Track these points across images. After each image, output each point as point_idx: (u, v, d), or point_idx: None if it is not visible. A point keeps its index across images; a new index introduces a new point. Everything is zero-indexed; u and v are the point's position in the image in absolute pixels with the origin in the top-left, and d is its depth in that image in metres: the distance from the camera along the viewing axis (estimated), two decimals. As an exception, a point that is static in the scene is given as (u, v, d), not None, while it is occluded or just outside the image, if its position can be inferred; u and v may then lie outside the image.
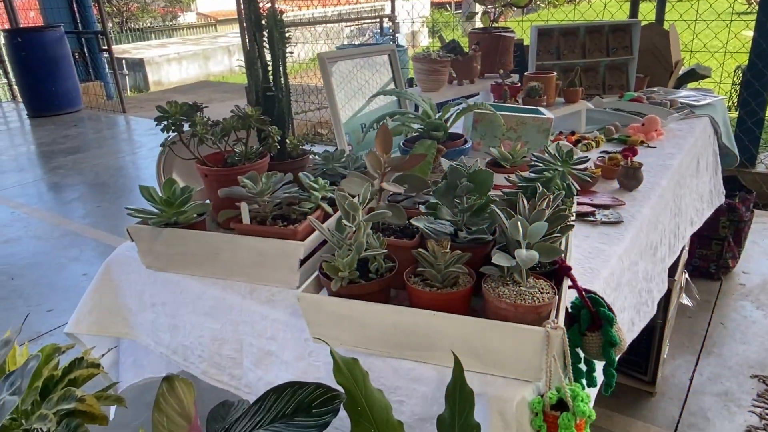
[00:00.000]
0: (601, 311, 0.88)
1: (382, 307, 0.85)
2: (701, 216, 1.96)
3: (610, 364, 0.89)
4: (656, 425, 2.04)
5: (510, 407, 0.79)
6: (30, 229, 4.09)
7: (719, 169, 2.30)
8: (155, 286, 1.21)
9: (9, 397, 0.70)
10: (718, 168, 2.28)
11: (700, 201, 1.98)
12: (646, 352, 2.15)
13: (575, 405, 0.77)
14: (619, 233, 1.27)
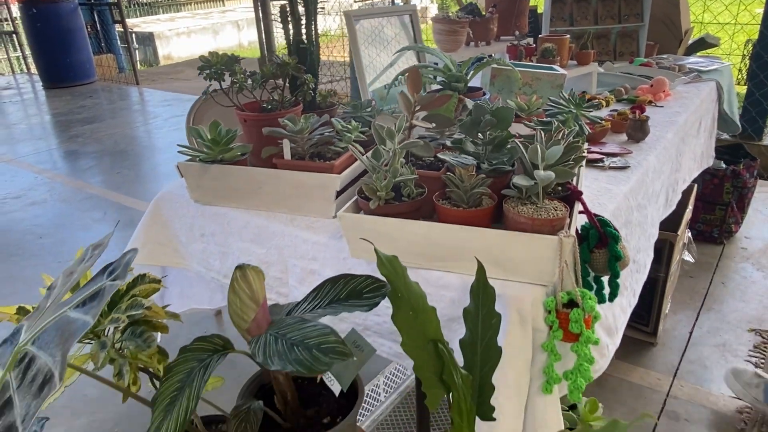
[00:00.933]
0: (608, 230, 1.00)
1: (415, 223, 0.97)
2: (691, 175, 2.07)
3: (615, 276, 1.01)
4: (656, 371, 2.16)
5: (526, 306, 0.92)
6: (54, 193, 4.24)
7: (714, 132, 2.39)
8: (203, 218, 1.33)
9: (110, 282, 0.82)
10: (714, 132, 2.38)
11: (693, 160, 2.08)
12: (648, 304, 2.27)
13: (584, 302, 0.89)
14: (625, 176, 1.38)
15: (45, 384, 0.79)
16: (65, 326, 0.82)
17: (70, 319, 0.82)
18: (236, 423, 0.80)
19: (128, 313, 1.09)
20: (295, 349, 0.69)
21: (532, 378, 0.95)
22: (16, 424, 0.78)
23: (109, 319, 1.09)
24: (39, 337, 0.84)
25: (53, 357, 0.79)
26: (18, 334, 0.93)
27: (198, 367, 0.76)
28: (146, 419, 1.73)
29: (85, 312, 0.82)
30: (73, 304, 0.85)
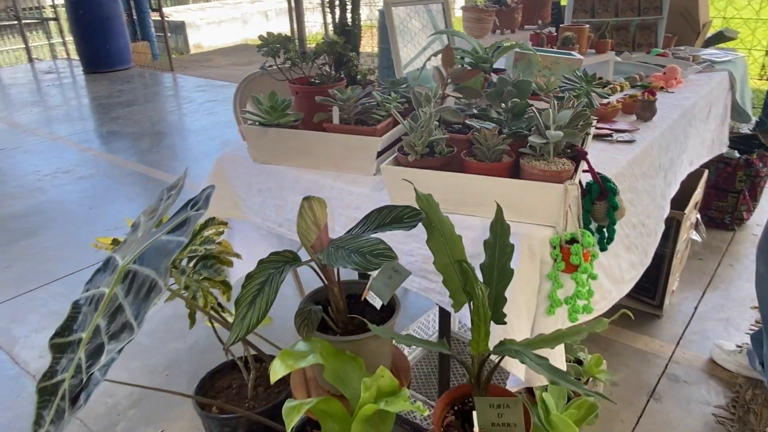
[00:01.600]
0: (607, 185, 1.19)
1: (446, 174, 1.17)
2: (699, 159, 2.22)
3: (612, 223, 1.19)
4: (660, 340, 2.33)
5: (535, 242, 1.11)
6: (99, 169, 4.52)
7: (727, 121, 2.53)
8: (261, 176, 1.55)
9: (194, 212, 1.03)
10: (726, 120, 2.52)
11: (701, 145, 2.23)
12: (655, 278, 2.43)
13: (583, 239, 1.08)
14: (630, 149, 1.55)
15: (151, 291, 1.00)
16: (162, 247, 1.03)
17: (165, 242, 1.03)
18: (300, 320, 1.01)
19: (204, 246, 1.31)
20: (352, 254, 0.89)
21: (539, 303, 1.14)
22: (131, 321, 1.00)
23: (188, 250, 1.31)
24: (139, 257, 1.05)
25: (156, 270, 1.00)
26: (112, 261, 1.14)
27: (275, 273, 0.97)
28: (192, 366, 1.95)
29: (178, 235, 1.03)
30: (165, 230, 1.06)
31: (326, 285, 1.06)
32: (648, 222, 1.54)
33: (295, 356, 0.92)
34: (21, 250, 3.23)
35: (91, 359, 0.95)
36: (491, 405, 0.98)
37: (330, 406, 0.91)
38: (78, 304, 1.13)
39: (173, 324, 2.54)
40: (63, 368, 1.03)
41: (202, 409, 1.68)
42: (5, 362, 2.32)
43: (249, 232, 1.72)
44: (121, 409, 2.07)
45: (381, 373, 0.88)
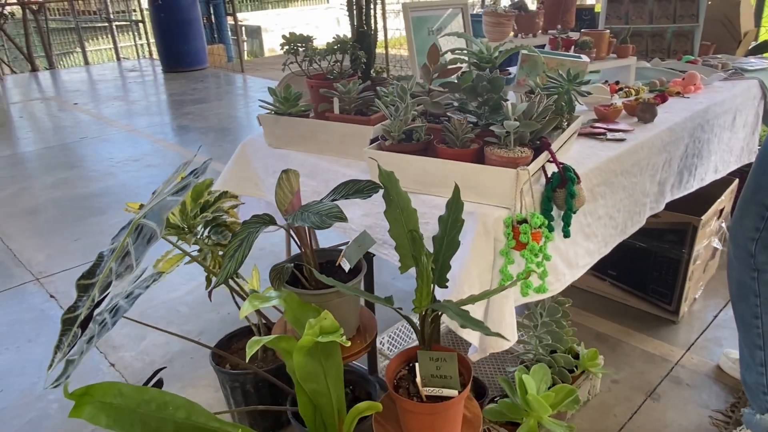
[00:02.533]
0: (567, 174, 1.29)
1: (416, 158, 1.31)
2: (726, 167, 2.21)
3: (570, 209, 1.29)
4: (671, 344, 2.34)
5: (490, 220, 1.23)
6: (167, 159, 4.93)
7: (758, 130, 2.49)
8: (274, 159, 1.74)
9: (194, 178, 1.23)
10: (757, 129, 2.48)
11: (729, 153, 2.23)
12: (672, 283, 2.44)
13: (532, 220, 1.20)
14: (617, 146, 1.63)
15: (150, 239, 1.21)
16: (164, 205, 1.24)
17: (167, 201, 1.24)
18: (274, 274, 1.18)
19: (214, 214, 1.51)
20: (311, 216, 1.06)
21: (494, 277, 1.26)
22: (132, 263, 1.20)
23: (201, 216, 1.52)
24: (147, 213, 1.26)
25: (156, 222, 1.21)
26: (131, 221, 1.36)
27: (252, 231, 1.15)
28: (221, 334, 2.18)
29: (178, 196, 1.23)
30: (168, 192, 1.27)
31: (299, 246, 1.23)
32: (617, 216, 1.60)
33: (262, 299, 1.09)
34: (89, 226, 3.62)
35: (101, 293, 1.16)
36: (431, 358, 1.12)
37: (290, 344, 1.08)
38: (102, 254, 1.36)
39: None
40: (83, 304, 1.26)
41: (217, 365, 1.89)
42: (65, 319, 2.65)
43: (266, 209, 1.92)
44: (156, 365, 2.33)
45: (324, 316, 1.03)
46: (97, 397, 1.11)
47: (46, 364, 2.35)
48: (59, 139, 5.60)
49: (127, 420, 1.13)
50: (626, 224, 1.69)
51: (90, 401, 1.11)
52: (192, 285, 2.91)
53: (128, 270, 1.15)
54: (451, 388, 1.11)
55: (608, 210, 1.58)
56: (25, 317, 2.68)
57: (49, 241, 3.43)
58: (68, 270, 3.09)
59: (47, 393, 2.18)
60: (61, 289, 2.90)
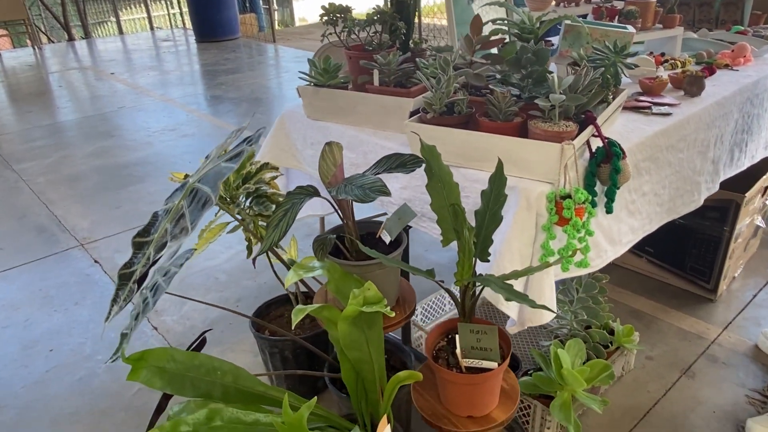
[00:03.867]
0: (613, 149, 1.27)
1: (458, 131, 1.31)
2: None
3: (614, 185, 1.27)
4: (708, 323, 2.31)
5: (533, 195, 1.22)
6: (201, 128, 4.99)
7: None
8: (313, 130, 1.75)
9: (248, 146, 1.24)
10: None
11: None
12: (711, 261, 2.39)
13: (576, 195, 1.19)
14: (663, 121, 1.59)
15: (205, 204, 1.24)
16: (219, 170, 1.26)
17: (222, 167, 1.26)
18: (317, 245, 1.21)
19: (256, 186, 1.54)
20: (355, 189, 1.07)
21: (535, 252, 1.26)
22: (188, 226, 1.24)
23: (243, 188, 1.55)
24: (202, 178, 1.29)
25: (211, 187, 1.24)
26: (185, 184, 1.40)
27: (297, 201, 1.17)
28: (258, 301, 2.24)
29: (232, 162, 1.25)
30: (223, 158, 1.29)
31: (342, 218, 1.25)
32: (662, 193, 1.57)
33: (306, 269, 1.12)
34: (129, 194, 3.71)
35: (157, 253, 1.21)
36: (471, 330, 1.13)
37: (332, 313, 1.10)
38: (157, 214, 1.40)
39: (248, 266, 2.86)
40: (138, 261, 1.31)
41: (257, 331, 1.95)
42: (109, 284, 2.75)
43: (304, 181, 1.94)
44: (196, 331, 2.41)
45: (368, 287, 1.05)
46: (152, 362, 1.17)
47: (92, 326, 2.46)
48: (97, 108, 5.72)
49: (178, 383, 1.18)
50: (674, 202, 1.66)
51: (145, 366, 1.16)
52: (230, 253, 2.98)
53: (183, 232, 1.18)
54: (491, 360, 1.13)
55: (653, 186, 1.55)
56: (71, 281, 2.79)
57: (92, 208, 3.54)
58: (111, 237, 3.19)
59: (95, 353, 2.29)
60: (105, 255, 3.00)
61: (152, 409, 2.04)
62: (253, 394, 1.21)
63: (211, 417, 1.04)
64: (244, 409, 1.16)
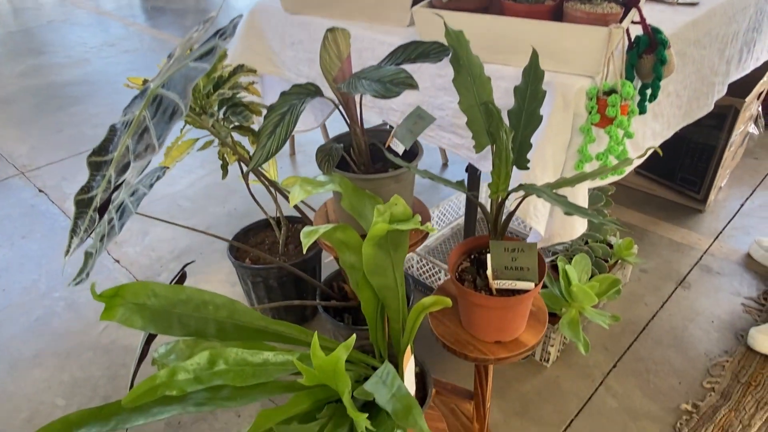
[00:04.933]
0: (658, 36, 1.09)
1: (482, 17, 1.10)
2: None
3: (658, 78, 1.12)
4: (699, 233, 2.27)
5: (571, 91, 1.05)
6: (143, 43, 4.52)
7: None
8: (293, 27, 1.50)
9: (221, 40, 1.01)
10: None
11: None
12: (703, 171, 2.33)
13: (623, 90, 1.02)
14: (691, 11, 1.42)
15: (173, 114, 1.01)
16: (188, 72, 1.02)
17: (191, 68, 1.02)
18: (321, 155, 1.01)
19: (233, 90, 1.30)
20: (372, 83, 0.87)
21: (567, 159, 1.11)
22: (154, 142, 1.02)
23: (217, 94, 1.31)
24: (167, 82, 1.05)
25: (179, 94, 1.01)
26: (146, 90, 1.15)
27: (296, 103, 0.96)
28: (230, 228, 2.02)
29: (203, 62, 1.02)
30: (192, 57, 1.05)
31: (348, 124, 1.05)
32: (683, 94, 1.43)
33: (314, 184, 0.93)
34: (70, 116, 3.33)
35: (119, 175, 0.99)
36: (506, 249, 0.99)
37: (347, 234, 0.93)
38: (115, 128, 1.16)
39: (213, 191, 2.62)
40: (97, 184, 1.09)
41: (236, 259, 1.77)
42: (58, 215, 2.48)
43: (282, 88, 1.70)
44: (164, 262, 2.21)
45: (395, 201, 0.88)
46: (129, 299, 0.97)
47: (44, 261, 2.21)
48: (21, 23, 5.09)
49: (164, 321, 1.00)
50: (691, 105, 1.53)
51: (121, 303, 0.97)
52: (192, 178, 2.72)
53: (149, 150, 0.96)
54: (528, 281, 1.00)
55: (676, 87, 1.40)
56: (14, 213, 2.49)
57: (30, 132, 3.16)
58: (55, 163, 2.86)
59: (51, 290, 2.06)
60: (50, 183, 2.69)
61: (121, 348, 1.87)
62: (254, 330, 1.04)
63: (213, 361, 0.87)
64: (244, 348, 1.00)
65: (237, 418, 1.60)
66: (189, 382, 0.83)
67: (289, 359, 0.92)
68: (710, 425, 1.50)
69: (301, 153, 2.93)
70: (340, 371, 0.72)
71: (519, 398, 1.61)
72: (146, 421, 0.86)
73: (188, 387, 0.82)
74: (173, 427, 1.57)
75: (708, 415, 1.54)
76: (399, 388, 0.76)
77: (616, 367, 1.72)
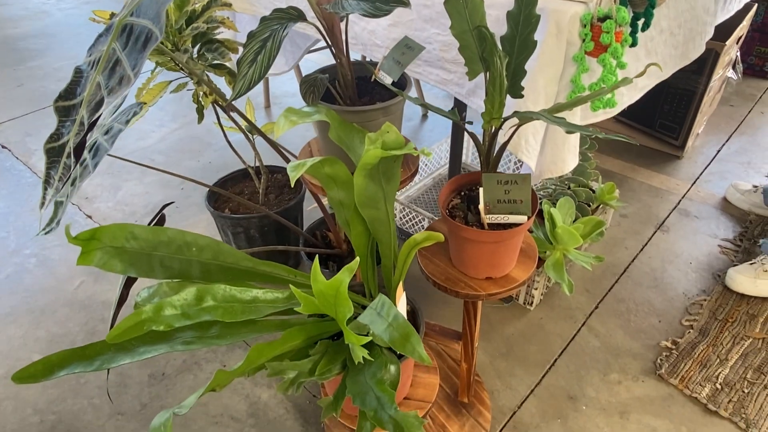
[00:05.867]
0: (652, -39, 1.06)
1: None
2: None
3: (652, 6, 1.08)
4: (677, 179, 2.30)
5: (564, 18, 1.02)
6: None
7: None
8: (267, -41, 1.42)
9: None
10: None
11: None
12: (682, 117, 2.33)
13: (618, 15, 0.99)
14: (682, -58, 1.38)
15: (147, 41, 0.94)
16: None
17: (163, -8, 0.95)
18: (306, 87, 0.96)
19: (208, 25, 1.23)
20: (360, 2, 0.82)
21: (560, 90, 1.08)
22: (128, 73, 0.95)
23: (191, 28, 1.24)
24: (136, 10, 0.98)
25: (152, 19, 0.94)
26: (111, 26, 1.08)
27: (278, 28, 0.90)
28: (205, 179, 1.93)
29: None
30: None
31: (333, 54, 1.00)
32: (678, 33, 1.41)
33: (300, 114, 0.89)
34: (31, 70, 3.17)
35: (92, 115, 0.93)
36: (499, 181, 0.96)
37: (335, 168, 0.90)
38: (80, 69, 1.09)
39: (187, 145, 2.54)
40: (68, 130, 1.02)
41: (215, 210, 1.72)
42: (24, 171, 2.37)
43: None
44: (138, 217, 2.14)
45: (387, 128, 0.84)
46: (107, 242, 0.93)
47: (12, 218, 2.12)
48: (-29, -29, 4.77)
49: (145, 264, 0.96)
50: (687, 46, 1.50)
51: (99, 246, 0.92)
52: (163, 132, 2.63)
53: (124, 82, 0.90)
54: (521, 214, 0.98)
55: (670, 23, 1.37)
56: (-24, 170, 2.38)
57: (-14, 87, 3.00)
58: (17, 119, 2.72)
59: (21, 247, 1.99)
60: (13, 139, 2.57)
61: (99, 303, 1.82)
62: (240, 271, 1.01)
63: (201, 297, 0.84)
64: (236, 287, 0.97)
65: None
66: (176, 317, 0.80)
67: (279, 296, 0.90)
68: (689, 360, 1.54)
69: (276, 105, 2.85)
70: (342, 295, 0.70)
71: (504, 340, 1.63)
72: (132, 360, 0.83)
73: (175, 322, 0.79)
74: (157, 378, 1.54)
75: (687, 350, 1.57)
76: (395, 317, 0.74)
77: (598, 308, 1.74)
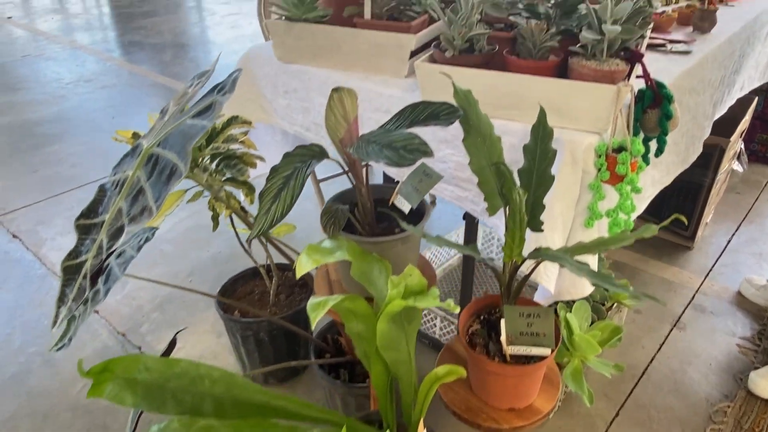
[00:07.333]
0: (663, 91, 1.09)
1: (487, 73, 1.08)
2: (751, 84, 2.05)
3: (664, 134, 1.10)
4: (689, 271, 2.28)
5: (579, 148, 1.03)
6: (121, 78, 4.45)
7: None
8: (286, 76, 1.47)
9: (220, 96, 0.97)
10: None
11: (755, 68, 2.06)
12: (690, 209, 2.34)
13: (632, 147, 1.00)
14: (685, 60, 1.43)
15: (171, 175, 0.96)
16: (186, 130, 0.98)
17: (189, 125, 0.98)
18: (326, 218, 0.97)
19: (227, 144, 1.25)
20: (383, 149, 0.83)
21: (576, 215, 1.08)
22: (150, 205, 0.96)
23: (210, 148, 1.26)
24: (163, 141, 1.01)
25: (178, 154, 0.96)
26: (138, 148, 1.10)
27: (301, 166, 0.92)
28: (214, 274, 1.95)
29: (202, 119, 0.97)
30: (190, 114, 1.01)
31: (354, 184, 1.01)
32: (680, 142, 1.43)
33: (322, 252, 0.88)
34: (46, 155, 3.23)
35: (112, 240, 0.93)
36: (521, 314, 0.95)
37: (356, 304, 0.88)
38: (104, 188, 1.10)
39: (195, 234, 2.55)
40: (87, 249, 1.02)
41: (224, 312, 1.69)
42: (33, 262, 2.37)
43: (275, 137, 1.66)
44: (145, 312, 2.11)
45: (409, 271, 0.84)
46: (119, 374, 0.91)
47: (19, 313, 2.10)
48: (-6, 57, 4.98)
49: (157, 398, 0.93)
50: (688, 151, 1.53)
51: (111, 378, 0.90)
52: (172, 221, 2.64)
53: (146, 213, 0.91)
54: (544, 347, 0.96)
55: (674, 136, 1.40)
56: (-14, 261, 2.38)
57: (3, 173, 3.05)
58: (30, 206, 2.75)
59: (26, 345, 1.95)
60: (25, 228, 2.58)
61: (102, 409, 1.77)
62: (254, 406, 0.98)
63: (212, 445, 0.81)
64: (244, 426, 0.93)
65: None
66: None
67: (298, 441, 0.86)
68: (719, 477, 1.47)
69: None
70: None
71: (523, 453, 1.56)
72: None
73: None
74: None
75: (716, 465, 1.50)
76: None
77: (619, 416, 1.68)
